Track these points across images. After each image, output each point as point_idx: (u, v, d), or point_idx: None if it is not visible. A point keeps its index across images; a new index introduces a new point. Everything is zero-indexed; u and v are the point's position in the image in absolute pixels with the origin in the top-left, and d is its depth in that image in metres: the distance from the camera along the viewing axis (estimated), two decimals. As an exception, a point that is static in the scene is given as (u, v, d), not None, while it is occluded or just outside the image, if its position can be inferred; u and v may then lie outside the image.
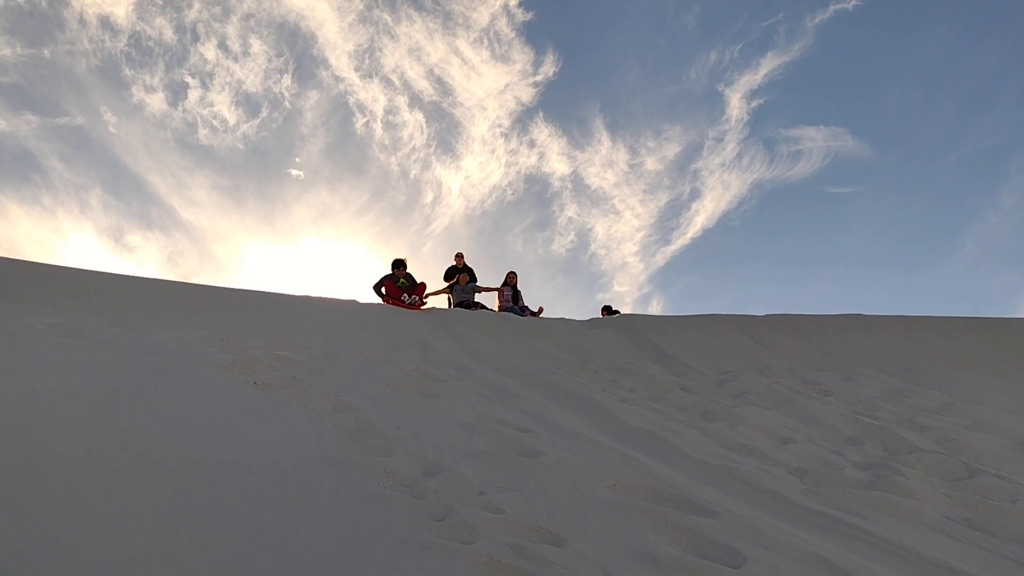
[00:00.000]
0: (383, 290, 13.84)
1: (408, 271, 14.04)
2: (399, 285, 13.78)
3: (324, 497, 3.72)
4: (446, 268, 15.53)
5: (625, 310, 16.57)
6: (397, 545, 3.09)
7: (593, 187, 31.93)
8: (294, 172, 31.75)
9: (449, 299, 14.96)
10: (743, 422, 7.00)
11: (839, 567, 3.42)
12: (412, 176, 32.15)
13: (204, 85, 28.76)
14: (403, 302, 13.51)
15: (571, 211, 32.18)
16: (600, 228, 32.81)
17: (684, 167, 32.76)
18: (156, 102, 28.23)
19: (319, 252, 31.65)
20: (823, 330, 12.67)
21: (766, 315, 13.73)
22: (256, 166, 32.52)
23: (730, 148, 30.74)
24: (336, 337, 9.48)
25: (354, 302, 13.15)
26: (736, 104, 30.76)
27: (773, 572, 3.25)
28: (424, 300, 13.85)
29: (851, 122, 32.69)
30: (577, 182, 31.97)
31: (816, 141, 30.45)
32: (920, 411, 7.99)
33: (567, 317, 14.44)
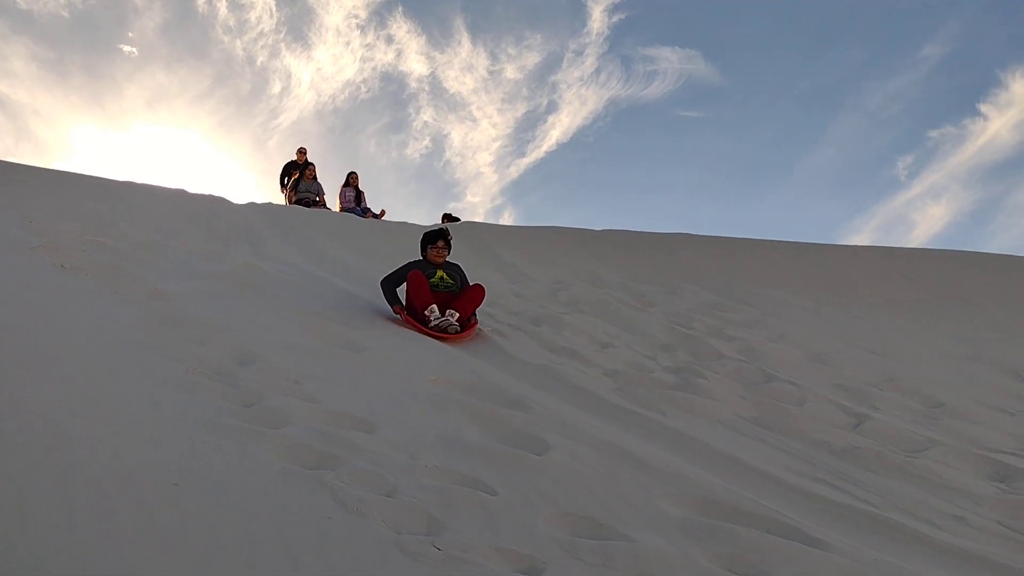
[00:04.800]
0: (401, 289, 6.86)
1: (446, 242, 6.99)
2: (436, 282, 6.57)
3: (127, 381, 3.56)
4: (284, 163, 14.95)
5: (476, 221, 16.64)
6: (198, 428, 3.01)
7: (451, 91, 31.40)
8: (126, 48, 29.26)
9: (288, 195, 14.45)
10: (569, 328, 7.26)
11: (632, 454, 3.65)
12: (259, 63, 30.42)
13: (20, -58, 25.77)
14: (430, 320, 6.05)
15: (427, 115, 31.58)
16: (456, 135, 32.47)
17: (543, 78, 32.74)
18: (-39, -44, 25.07)
19: (153, 139, 29.61)
20: (654, 247, 13.23)
21: (603, 230, 14.17)
22: (83, 38, 29.73)
23: (589, 62, 30.92)
24: (159, 226, 8.98)
25: (182, 191, 12.44)
26: (598, 17, 30.84)
27: (572, 458, 3.43)
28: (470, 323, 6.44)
29: (705, 46, 33.58)
30: (435, 85, 31.31)
31: (671, 62, 31.13)
32: (731, 324, 8.56)
33: (411, 222, 14.32)
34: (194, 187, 12.97)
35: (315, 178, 14.50)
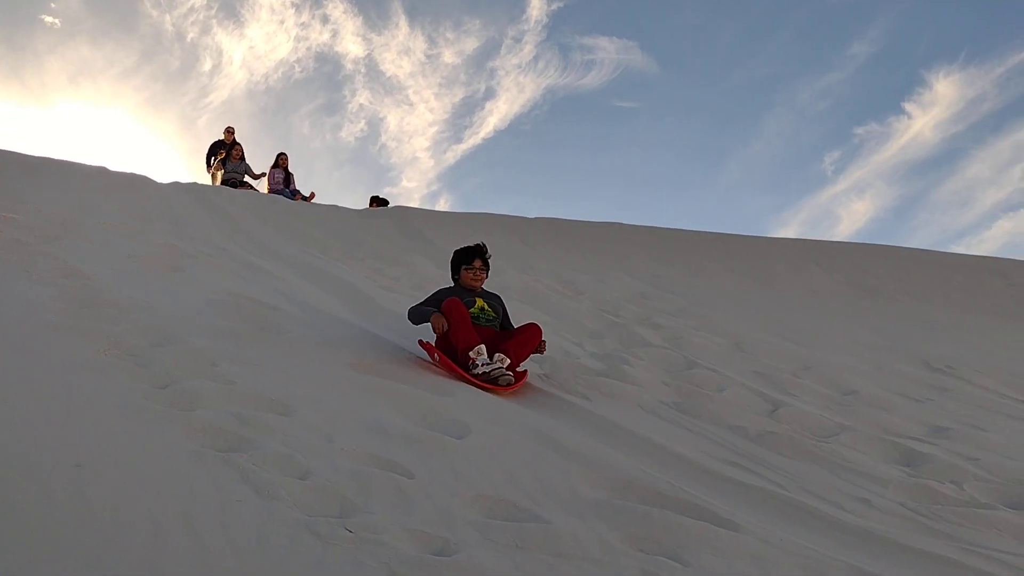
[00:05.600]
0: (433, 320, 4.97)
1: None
2: (476, 313, 5.16)
3: (38, 362, 3.44)
4: (211, 143, 14.57)
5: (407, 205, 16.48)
6: (107, 409, 2.92)
7: (388, 74, 30.97)
8: (48, 19, 28.06)
9: (214, 175, 14.09)
10: (497, 313, 7.27)
11: (553, 439, 3.69)
12: (189, 39, 29.50)
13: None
14: (476, 365, 4.67)
15: (363, 98, 31.09)
16: (392, 119, 32.08)
17: (481, 64, 32.57)
18: None
19: (76, 115, 28.48)
20: (585, 236, 13.35)
21: (535, 218, 14.23)
22: (2, 7, 28.38)
23: (527, 49, 30.85)
24: (77, 204, 8.66)
25: (103, 169, 12.02)
26: (537, 4, 30.80)
27: (492, 441, 3.44)
28: None
29: (642, 36, 33.82)
30: (371, 67, 30.83)
31: (608, 52, 31.26)
32: (658, 312, 8.70)
33: (343, 205, 14.13)
34: (117, 166, 12.50)
35: (243, 158, 14.18)
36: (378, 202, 15.62)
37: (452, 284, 5.52)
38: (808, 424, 5.11)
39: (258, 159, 14.54)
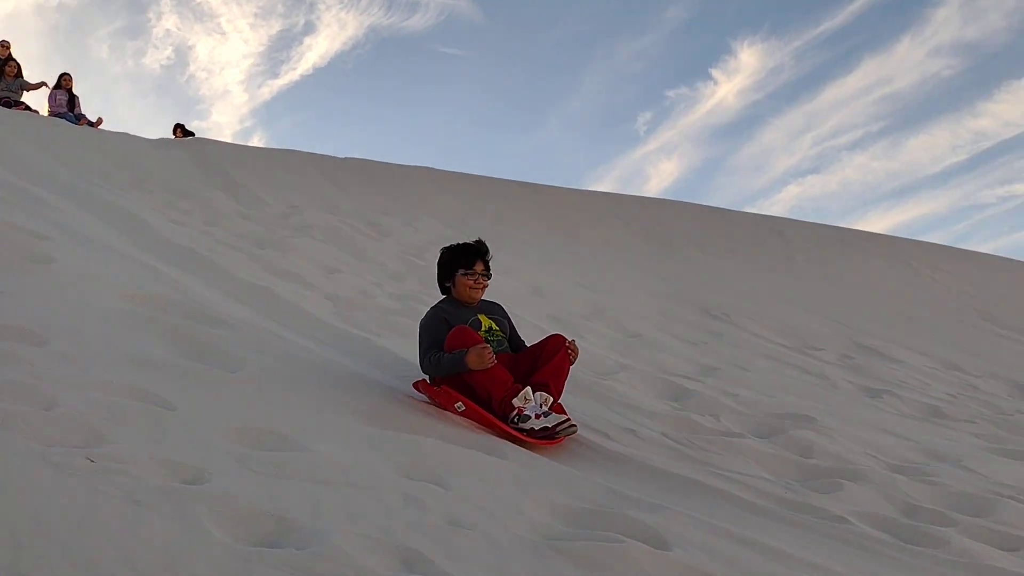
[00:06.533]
0: (439, 360, 3.63)
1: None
2: (485, 336, 3.83)
3: None
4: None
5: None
6: None
7: (198, 0, 28.82)
8: None
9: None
10: (296, 252, 7.07)
11: (333, 371, 3.67)
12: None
13: None
14: (525, 415, 3.47)
15: (170, 22, 28.81)
16: (202, 48, 29.99)
17: (301, -5, 30.99)
18: None
19: None
20: (396, 178, 13.21)
21: (345, 158, 13.90)
22: None
23: (351, -17, 29.63)
24: None
25: None
26: (363, -65, 29.64)
27: (267, 375, 3.36)
28: None
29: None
30: (179, -10, 28.56)
31: (434, -6, 30.65)
32: (461, 256, 8.79)
33: (135, 134, 13.12)
34: None
35: (19, 75, 12.78)
36: (183, 132, 14.61)
37: (442, 295, 4.13)
38: (592, 363, 5.37)
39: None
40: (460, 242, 4.13)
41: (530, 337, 5.42)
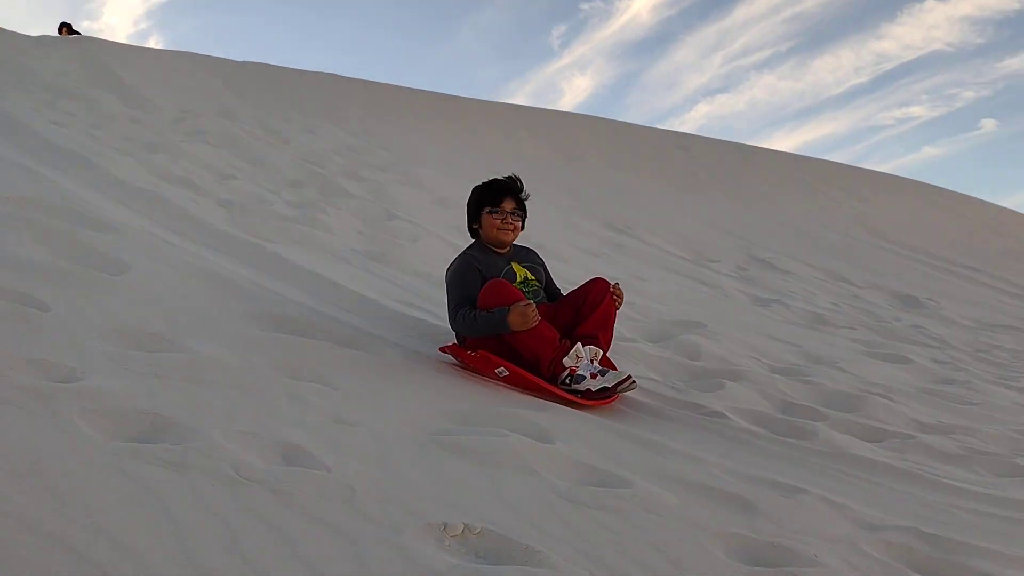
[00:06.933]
0: (475, 319, 3.17)
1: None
2: (525, 285, 3.44)
3: None
4: None
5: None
6: None
7: None
8: None
9: None
10: (188, 157, 6.78)
11: (220, 275, 3.58)
12: None
13: None
14: (583, 379, 3.08)
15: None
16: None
17: None
18: None
19: None
20: (298, 85, 12.74)
21: (244, 62, 13.30)
22: None
23: None
24: None
25: None
26: None
27: (151, 279, 3.25)
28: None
29: None
30: None
31: None
32: (365, 166, 8.61)
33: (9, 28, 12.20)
34: None
35: None
36: (69, 31, 13.65)
37: (471, 240, 3.68)
38: (492, 272, 5.40)
39: None
40: (491, 179, 3.61)
41: (431, 259, 5.43)
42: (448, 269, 3.44)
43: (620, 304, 3.37)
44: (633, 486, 2.19)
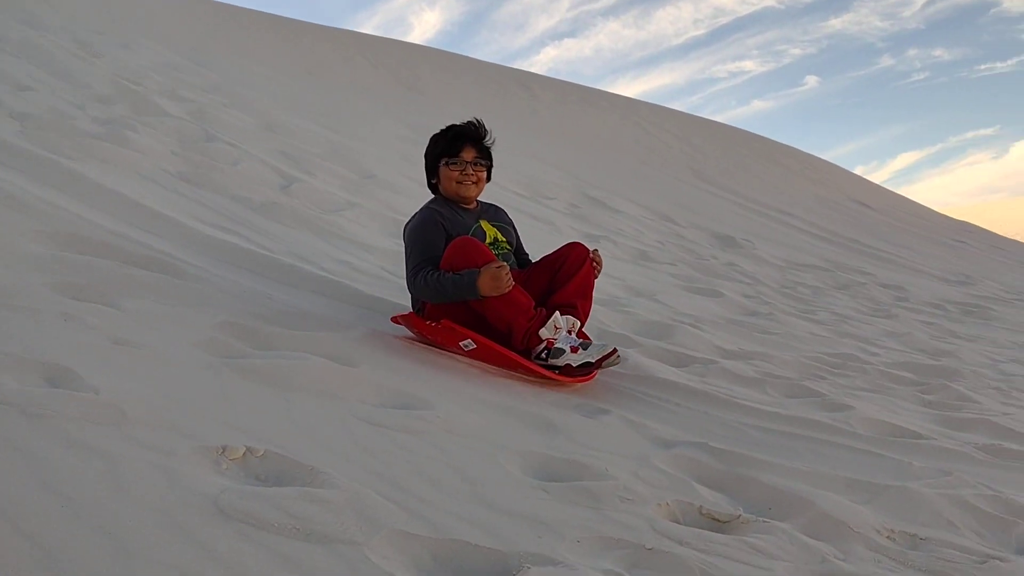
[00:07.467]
0: (437, 280, 2.78)
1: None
2: (495, 247, 3.08)
3: None
4: None
5: None
6: None
7: None
8: None
9: None
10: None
11: (10, 194, 3.24)
12: None
13: None
14: (557, 349, 2.77)
15: None
16: None
17: None
18: None
19: None
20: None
21: (52, -35, 12.04)
22: None
23: None
24: None
25: None
26: None
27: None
28: None
29: None
30: None
31: None
32: (187, 86, 8.05)
33: None
34: None
35: None
36: None
37: (431, 196, 3.22)
38: (319, 200, 5.21)
39: None
40: (448, 126, 3.17)
41: (251, 184, 5.16)
42: (407, 224, 3.04)
43: (599, 272, 3.09)
44: (436, 408, 2.17)
